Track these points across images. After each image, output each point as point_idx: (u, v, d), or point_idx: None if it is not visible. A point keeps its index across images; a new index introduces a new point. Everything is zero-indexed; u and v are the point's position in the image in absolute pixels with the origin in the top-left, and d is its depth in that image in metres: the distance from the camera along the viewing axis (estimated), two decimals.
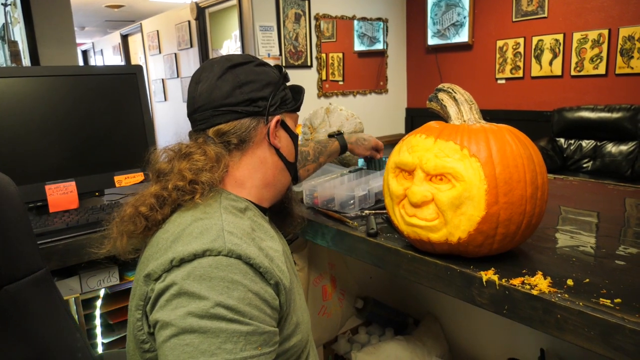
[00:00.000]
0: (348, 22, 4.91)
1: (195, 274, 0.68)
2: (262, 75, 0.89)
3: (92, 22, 7.62)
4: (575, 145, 3.89)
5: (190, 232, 0.74)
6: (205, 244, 0.71)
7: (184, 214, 0.79)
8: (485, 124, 0.90)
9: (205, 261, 0.69)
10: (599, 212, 1.26)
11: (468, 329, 1.61)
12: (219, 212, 0.78)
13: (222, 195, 0.83)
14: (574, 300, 0.73)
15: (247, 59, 0.90)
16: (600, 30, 3.85)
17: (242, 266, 0.71)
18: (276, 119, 0.90)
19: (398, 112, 5.52)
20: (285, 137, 0.94)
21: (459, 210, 0.83)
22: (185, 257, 0.70)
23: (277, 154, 0.92)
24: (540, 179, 0.85)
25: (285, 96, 0.92)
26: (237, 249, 0.71)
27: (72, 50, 3.75)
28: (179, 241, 0.73)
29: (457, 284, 0.88)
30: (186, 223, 0.76)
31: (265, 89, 0.88)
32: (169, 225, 0.79)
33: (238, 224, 0.77)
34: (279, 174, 0.93)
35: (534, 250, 0.95)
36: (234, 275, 0.69)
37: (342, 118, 1.65)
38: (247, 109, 0.86)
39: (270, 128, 0.89)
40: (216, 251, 0.70)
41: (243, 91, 0.86)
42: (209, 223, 0.75)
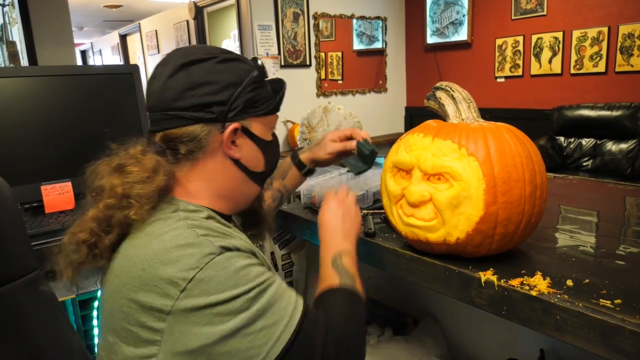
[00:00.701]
0: (347, 21, 4.90)
1: (211, 285, 0.65)
2: (224, 74, 0.77)
3: (90, 22, 7.60)
4: (575, 144, 3.88)
5: (163, 248, 0.67)
6: (195, 255, 0.66)
7: (140, 234, 0.72)
8: (484, 122, 0.89)
9: (210, 269, 0.65)
10: (599, 211, 1.25)
11: (468, 329, 1.60)
12: (182, 223, 0.71)
13: (179, 207, 0.75)
14: (573, 301, 0.72)
15: (208, 54, 0.78)
16: (599, 27, 3.84)
17: (234, 253, 0.69)
18: (232, 127, 0.77)
19: (397, 111, 5.51)
20: (249, 146, 0.82)
21: (457, 210, 0.82)
22: (186, 277, 0.65)
23: (237, 165, 0.81)
24: (539, 178, 0.84)
25: (253, 98, 0.80)
26: (225, 243, 0.69)
27: (70, 51, 3.74)
28: (158, 263, 0.66)
29: (455, 285, 0.87)
30: (149, 241, 0.69)
31: (223, 92, 0.77)
32: (127, 250, 0.72)
33: (206, 225, 0.72)
34: (240, 185, 0.83)
35: (533, 250, 0.94)
36: (238, 263, 0.68)
37: (340, 117, 1.64)
38: (196, 115, 0.75)
39: (224, 138, 0.78)
40: (210, 255, 0.66)
41: (195, 94, 0.75)
42: (178, 234, 0.69)
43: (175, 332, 0.65)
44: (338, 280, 0.84)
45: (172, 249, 0.67)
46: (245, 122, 0.80)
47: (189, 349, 0.65)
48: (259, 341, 0.67)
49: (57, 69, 1.44)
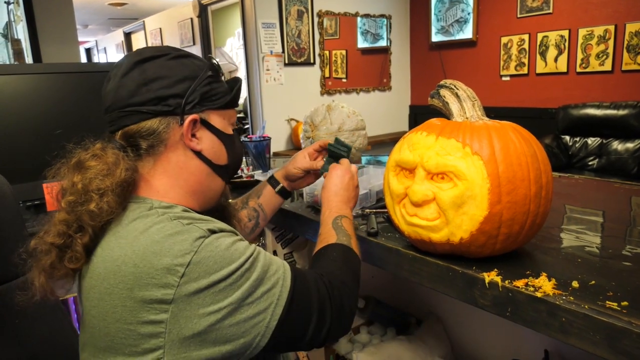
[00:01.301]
0: (351, 19, 4.88)
1: (209, 264, 0.67)
2: (177, 69, 0.78)
3: (95, 20, 7.62)
4: (580, 143, 3.85)
5: (152, 242, 0.68)
6: (186, 240, 0.68)
7: (118, 235, 0.71)
8: (488, 121, 0.88)
9: (203, 252, 0.68)
10: (604, 211, 1.23)
11: (471, 329, 1.59)
12: (164, 216, 0.72)
13: (152, 206, 0.75)
14: (579, 303, 0.71)
15: (160, 52, 0.79)
16: (606, 26, 3.81)
17: (222, 233, 0.72)
18: (191, 118, 0.79)
19: (401, 109, 5.49)
20: (210, 138, 0.83)
21: (460, 210, 0.81)
22: (184, 262, 0.66)
23: (200, 158, 0.82)
24: (544, 178, 0.83)
25: (210, 91, 0.81)
26: (211, 226, 0.71)
27: (74, 48, 3.75)
28: (151, 256, 0.67)
29: (458, 285, 0.86)
30: (133, 238, 0.69)
31: (178, 85, 0.78)
32: (110, 252, 0.70)
33: (187, 215, 0.74)
34: (206, 179, 0.84)
35: (538, 250, 0.93)
36: (226, 240, 0.71)
37: (343, 115, 1.63)
38: (154, 109, 0.76)
39: (184, 129, 0.78)
40: (200, 239, 0.68)
41: (150, 88, 0.76)
42: (162, 227, 0.70)
43: (181, 319, 0.66)
44: (335, 238, 0.91)
45: (163, 239, 0.68)
46: (204, 115, 0.82)
47: (197, 331, 0.67)
48: (263, 305, 0.71)
49: (59, 66, 1.44)
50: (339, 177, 1.03)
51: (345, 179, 1.03)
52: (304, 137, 1.70)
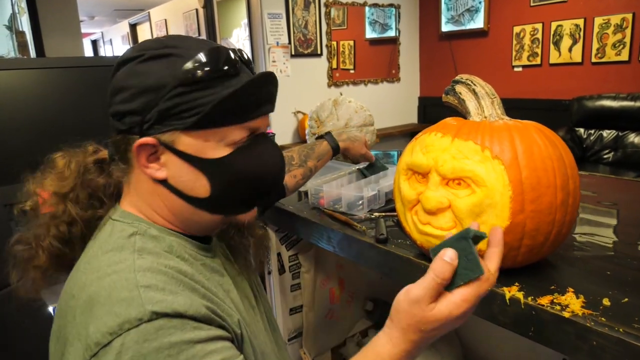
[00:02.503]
0: (359, 9, 4.77)
1: (117, 357, 0.53)
2: (142, 77, 0.63)
3: (101, 11, 7.55)
4: (595, 136, 3.74)
5: (97, 296, 0.57)
6: (120, 315, 0.54)
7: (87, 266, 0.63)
8: (509, 120, 0.80)
9: (128, 339, 0.53)
10: (631, 214, 1.15)
11: (484, 333, 1.52)
12: (131, 259, 0.60)
13: (138, 232, 0.65)
14: (612, 325, 0.64)
15: (138, 52, 0.65)
16: (623, 14, 3.67)
17: (174, 322, 0.56)
18: (139, 142, 0.63)
19: (410, 101, 5.39)
20: (177, 164, 0.65)
21: (479, 219, 0.74)
22: (101, 341, 0.54)
23: (166, 187, 0.67)
24: (572, 184, 0.75)
25: (179, 105, 0.62)
26: (162, 307, 0.55)
27: (78, 41, 3.70)
28: (88, 314, 0.56)
29: None
30: (90, 282, 0.60)
31: (138, 99, 0.62)
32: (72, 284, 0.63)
33: (157, 267, 0.60)
34: (185, 213, 0.68)
35: (561, 260, 0.85)
36: (171, 338, 0.54)
37: (350, 110, 1.55)
38: (115, 124, 0.66)
39: (134, 153, 0.65)
40: (135, 320, 0.54)
41: (115, 100, 0.65)
42: (118, 279, 0.58)
43: None
44: None
45: (104, 301, 0.56)
46: (167, 136, 0.63)
47: None
48: None
49: (63, 60, 1.38)
50: (458, 316, 0.59)
51: (458, 322, 0.60)
52: (309, 134, 1.63)
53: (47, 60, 1.36)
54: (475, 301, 0.59)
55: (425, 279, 0.59)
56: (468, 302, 0.58)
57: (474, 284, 0.58)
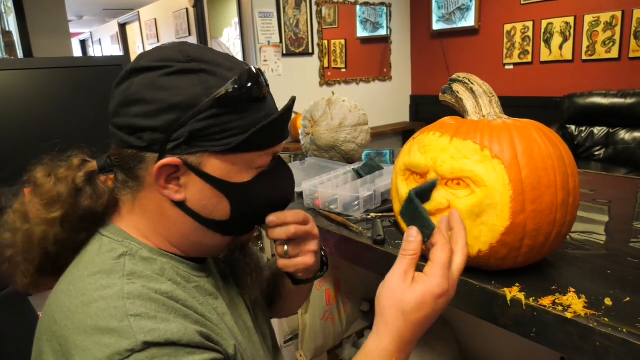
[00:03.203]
0: (350, 8, 4.76)
1: None
2: (168, 92, 0.58)
3: (89, 11, 7.47)
4: (586, 133, 3.76)
5: (83, 326, 0.53)
6: (109, 347, 0.51)
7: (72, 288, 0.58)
8: (508, 119, 0.79)
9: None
10: (632, 212, 1.15)
11: (481, 332, 1.52)
12: (120, 285, 0.56)
13: (129, 252, 0.61)
14: (615, 325, 0.63)
15: (161, 62, 0.60)
16: (613, 12, 3.70)
17: (167, 350, 0.53)
18: (163, 162, 0.59)
19: (402, 99, 5.39)
20: (200, 187, 0.61)
21: (479, 220, 0.73)
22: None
23: (182, 209, 0.63)
24: (572, 183, 0.75)
25: (213, 127, 0.59)
26: (154, 337, 0.53)
27: (66, 41, 3.65)
28: (72, 345, 0.53)
29: (476, 301, 0.78)
30: (75, 307, 0.55)
31: (162, 115, 0.58)
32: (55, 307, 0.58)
33: (148, 294, 0.57)
34: (193, 234, 0.65)
35: (561, 260, 0.85)
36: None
37: (344, 110, 1.54)
38: (126, 139, 0.60)
39: (153, 174, 0.60)
40: (126, 352, 0.51)
41: (127, 112, 0.59)
42: (105, 307, 0.54)
43: None
44: None
45: (91, 331, 0.53)
46: (195, 158, 0.60)
47: None
48: None
49: (51, 60, 1.35)
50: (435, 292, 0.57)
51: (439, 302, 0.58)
52: (303, 133, 1.61)
53: (35, 60, 1.33)
54: (449, 275, 0.58)
55: (396, 263, 0.60)
56: (440, 277, 0.57)
57: (441, 256, 0.58)
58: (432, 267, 0.58)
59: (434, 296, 0.57)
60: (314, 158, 1.56)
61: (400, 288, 0.58)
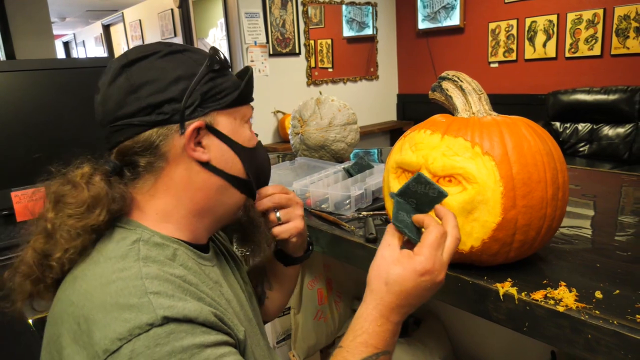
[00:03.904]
0: (336, 7, 4.77)
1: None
2: (169, 68, 0.66)
3: (72, 12, 7.38)
4: (571, 129, 3.82)
5: (102, 303, 0.56)
6: (129, 321, 0.53)
7: (87, 272, 0.60)
8: (497, 116, 0.80)
9: (138, 344, 0.52)
10: (616, 207, 1.17)
11: (473, 329, 1.53)
12: (137, 267, 0.59)
13: (141, 239, 0.64)
14: (606, 317, 0.64)
15: (148, 51, 0.67)
16: (594, 10, 3.75)
17: (184, 327, 0.55)
18: (194, 125, 0.66)
19: (389, 98, 5.41)
20: (218, 145, 0.69)
21: (471, 216, 0.73)
22: (109, 347, 0.52)
23: (208, 169, 0.68)
24: (561, 178, 0.76)
25: (214, 89, 0.68)
26: (173, 312, 0.55)
27: (49, 42, 3.60)
28: (92, 321, 0.55)
29: (469, 297, 0.79)
30: (93, 288, 0.58)
31: (172, 87, 0.65)
32: (70, 291, 0.60)
33: (165, 275, 0.60)
34: (217, 194, 0.70)
35: (552, 254, 0.86)
36: (182, 342, 0.54)
37: (334, 109, 1.54)
38: (147, 119, 0.64)
39: (186, 139, 0.66)
40: (146, 325, 0.53)
41: (139, 96, 0.64)
42: (124, 286, 0.57)
43: None
44: None
45: (110, 308, 0.55)
46: (208, 118, 0.68)
47: None
48: None
49: (35, 62, 1.33)
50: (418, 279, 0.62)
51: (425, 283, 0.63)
52: (292, 133, 1.61)
53: (18, 62, 1.31)
54: (436, 255, 0.63)
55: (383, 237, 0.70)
56: (424, 255, 0.62)
57: (429, 237, 0.63)
58: (420, 246, 0.64)
59: (415, 272, 0.62)
60: (304, 158, 1.56)
61: (386, 261, 0.65)
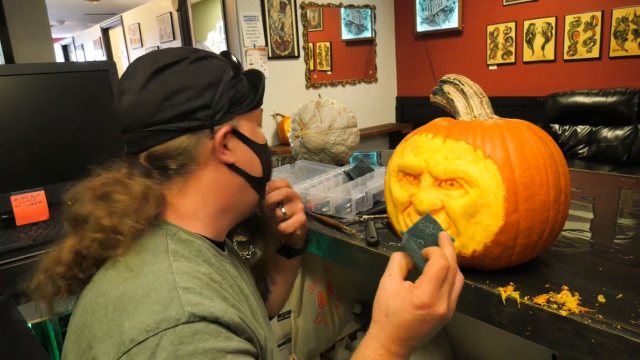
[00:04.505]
0: (335, 10, 4.77)
1: (152, 356, 0.52)
2: (201, 75, 0.69)
3: (71, 15, 7.38)
4: (570, 131, 3.82)
5: (133, 294, 0.57)
6: (158, 314, 0.55)
7: (119, 265, 0.62)
8: (499, 119, 0.80)
9: (164, 339, 0.53)
10: (617, 209, 1.17)
11: (473, 332, 1.53)
12: (167, 261, 0.61)
13: (168, 234, 0.66)
14: (609, 322, 0.64)
15: (178, 57, 0.69)
16: (593, 12, 3.76)
17: (210, 327, 0.56)
18: (223, 130, 0.70)
19: (388, 101, 5.41)
20: (242, 148, 0.74)
21: (473, 220, 0.73)
22: (136, 338, 0.53)
23: (233, 170, 0.73)
24: (563, 181, 0.75)
25: (237, 94, 0.72)
26: (199, 310, 0.56)
27: (48, 46, 3.59)
28: (122, 311, 0.56)
29: (471, 301, 0.79)
30: (124, 280, 0.59)
31: (205, 94, 0.68)
32: (101, 282, 0.62)
33: (193, 272, 0.61)
34: (239, 193, 0.75)
35: (553, 258, 0.85)
36: (205, 344, 0.55)
37: (333, 112, 1.54)
38: (182, 125, 0.67)
39: (216, 144, 0.70)
40: (174, 320, 0.54)
41: (174, 102, 0.66)
42: (155, 279, 0.58)
43: None
44: None
45: (141, 299, 0.56)
46: (234, 122, 0.72)
47: None
48: None
49: (23, 67, 1.32)
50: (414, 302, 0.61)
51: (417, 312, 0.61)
52: (292, 136, 1.61)
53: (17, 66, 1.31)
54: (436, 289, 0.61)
55: None
56: (421, 289, 0.61)
57: (429, 270, 0.62)
58: (420, 279, 0.63)
59: (412, 305, 0.61)
60: (304, 161, 1.56)
61: (386, 293, 0.64)
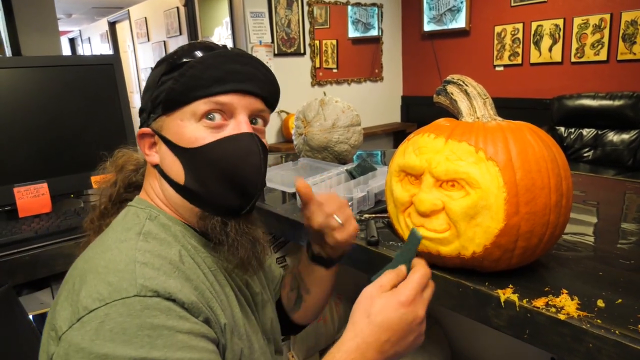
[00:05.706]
0: (342, 8, 4.76)
1: (104, 329, 0.53)
2: (151, 77, 0.72)
3: (78, 8, 7.40)
4: (575, 134, 3.80)
5: (95, 266, 0.59)
6: (112, 285, 0.56)
7: (96, 242, 0.67)
8: (502, 121, 0.80)
9: (114, 309, 0.54)
10: (620, 214, 1.16)
11: (473, 333, 1.53)
12: (135, 240, 0.63)
13: (149, 216, 0.69)
14: (608, 327, 0.64)
15: (165, 57, 0.72)
16: (601, 14, 3.74)
17: (163, 304, 0.56)
18: (141, 131, 0.72)
19: (393, 100, 5.40)
20: (163, 151, 0.70)
21: (473, 221, 0.73)
22: (89, 306, 0.55)
23: (159, 172, 0.72)
24: (565, 185, 0.75)
25: (159, 95, 0.68)
26: (152, 283, 0.57)
27: (55, 39, 3.60)
28: (82, 282, 0.58)
29: (470, 303, 0.78)
30: (94, 254, 0.63)
31: (145, 96, 0.72)
32: (80, 257, 0.66)
33: (157, 251, 0.62)
34: (173, 196, 0.71)
35: (554, 261, 0.85)
36: (154, 319, 0.55)
37: (337, 110, 1.54)
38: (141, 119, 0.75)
39: (140, 145, 0.73)
40: (125, 292, 0.55)
41: (142, 97, 0.75)
42: (118, 253, 0.61)
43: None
44: None
45: (100, 270, 0.59)
46: (156, 125, 0.71)
47: None
48: None
49: (28, 59, 1.33)
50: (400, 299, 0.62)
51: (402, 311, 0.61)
52: (296, 134, 1.61)
53: (24, 59, 1.32)
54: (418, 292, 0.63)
55: None
56: (407, 288, 0.62)
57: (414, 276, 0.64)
58: (404, 282, 0.65)
59: (399, 303, 0.61)
60: (307, 159, 1.56)
61: (371, 295, 0.63)
